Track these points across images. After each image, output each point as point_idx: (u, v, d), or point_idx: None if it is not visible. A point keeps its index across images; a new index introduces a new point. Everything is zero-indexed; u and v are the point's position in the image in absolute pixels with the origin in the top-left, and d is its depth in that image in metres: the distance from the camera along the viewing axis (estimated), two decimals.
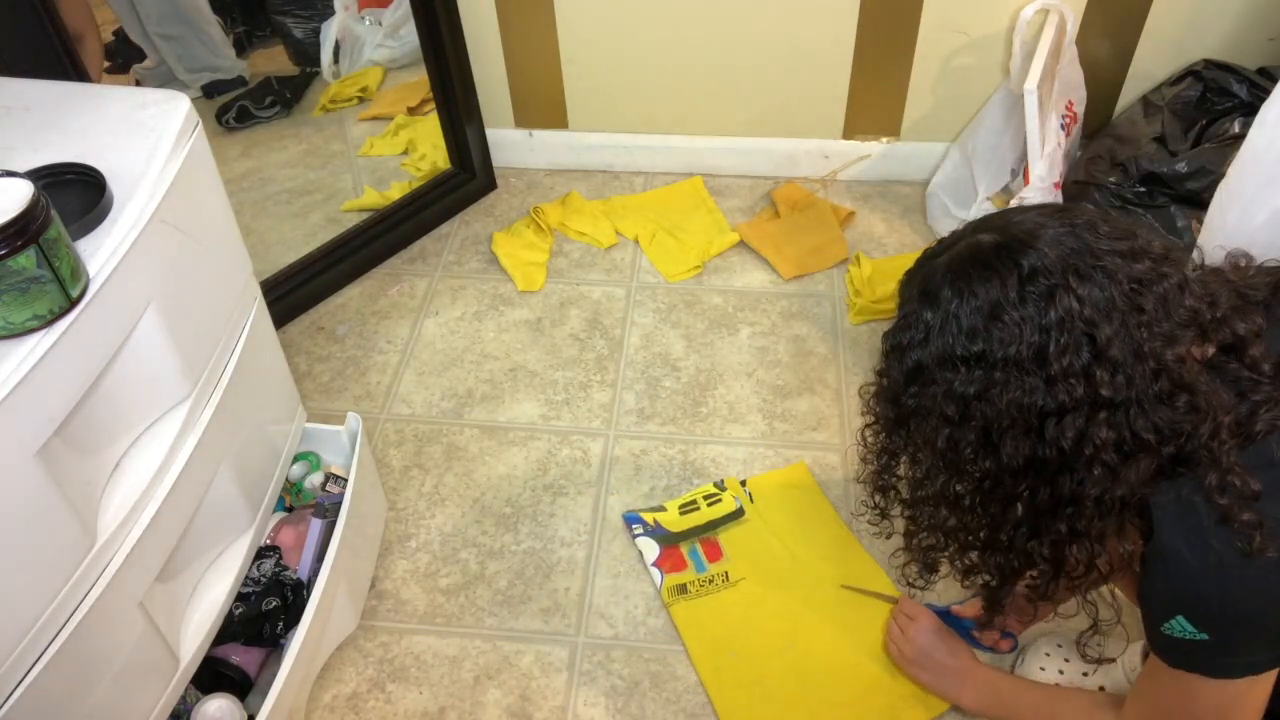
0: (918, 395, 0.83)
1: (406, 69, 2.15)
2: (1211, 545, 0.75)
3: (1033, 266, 0.76)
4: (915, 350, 0.82)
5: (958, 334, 0.78)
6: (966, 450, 0.81)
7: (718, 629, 1.32)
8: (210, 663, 1.15)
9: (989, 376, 0.77)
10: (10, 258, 0.73)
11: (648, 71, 1.98)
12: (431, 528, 1.48)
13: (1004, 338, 0.76)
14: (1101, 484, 0.77)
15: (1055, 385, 0.75)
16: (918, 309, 0.82)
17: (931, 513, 0.88)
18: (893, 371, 0.86)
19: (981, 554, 0.88)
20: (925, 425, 0.84)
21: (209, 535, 1.11)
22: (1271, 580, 0.74)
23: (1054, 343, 0.75)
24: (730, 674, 1.27)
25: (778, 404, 1.64)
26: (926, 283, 0.82)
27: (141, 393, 0.95)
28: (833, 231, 1.95)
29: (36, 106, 0.98)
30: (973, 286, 0.78)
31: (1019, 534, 0.83)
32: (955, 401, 0.80)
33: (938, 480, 0.85)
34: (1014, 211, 0.83)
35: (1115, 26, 1.86)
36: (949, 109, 1.98)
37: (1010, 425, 0.78)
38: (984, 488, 0.82)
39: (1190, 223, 1.61)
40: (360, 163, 2.12)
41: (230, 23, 2.13)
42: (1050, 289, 0.75)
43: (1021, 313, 0.76)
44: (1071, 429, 0.76)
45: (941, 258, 0.83)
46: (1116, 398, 0.75)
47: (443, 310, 1.84)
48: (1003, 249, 0.78)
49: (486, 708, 1.27)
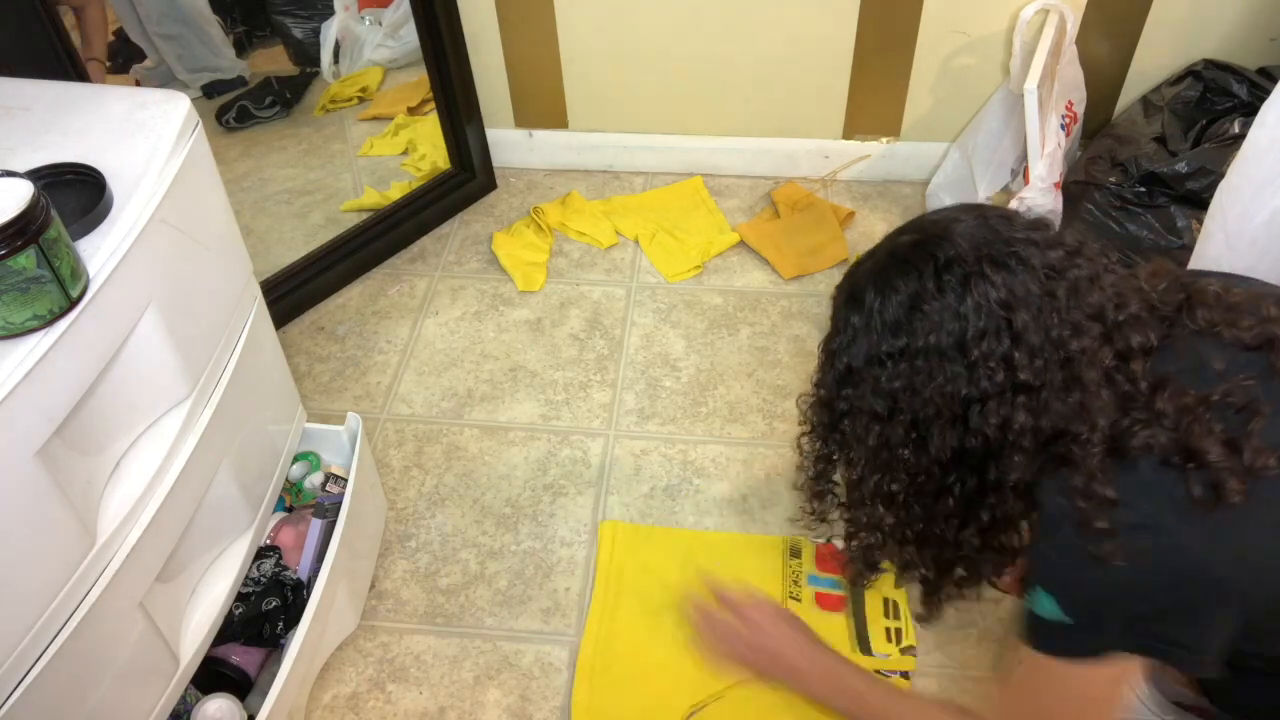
0: (849, 398, 0.85)
1: (406, 69, 2.15)
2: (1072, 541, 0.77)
3: (948, 257, 0.78)
4: (844, 354, 0.84)
5: (882, 330, 0.81)
6: (897, 445, 0.83)
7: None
8: (210, 663, 1.15)
9: (912, 367, 0.79)
10: (10, 258, 0.73)
11: (648, 71, 1.98)
12: (431, 528, 1.48)
13: (924, 327, 0.78)
14: (1020, 469, 0.78)
15: (976, 370, 0.77)
16: (845, 313, 0.84)
17: (869, 512, 0.90)
18: (826, 378, 0.88)
19: (918, 548, 0.90)
20: (857, 425, 0.86)
21: (209, 535, 1.11)
22: (1120, 580, 0.75)
23: (972, 328, 0.77)
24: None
25: (778, 404, 1.64)
26: (852, 288, 0.84)
27: (141, 393, 0.95)
28: (833, 231, 1.95)
29: (36, 106, 0.98)
30: (893, 283, 0.80)
31: (950, 524, 0.85)
32: (883, 397, 0.82)
33: (872, 480, 0.86)
34: (932, 212, 0.86)
35: (1115, 26, 1.86)
36: (949, 109, 1.98)
37: (936, 415, 0.79)
38: (917, 482, 0.84)
39: (1190, 223, 1.61)
40: (360, 163, 2.12)
41: (230, 23, 2.13)
42: (965, 276, 0.77)
43: (941, 302, 0.78)
44: (994, 415, 0.77)
45: (866, 264, 0.85)
46: (1034, 382, 0.76)
47: (443, 310, 1.84)
48: (919, 245, 0.81)
49: (486, 708, 1.27)
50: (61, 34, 1.37)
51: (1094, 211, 1.72)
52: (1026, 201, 1.68)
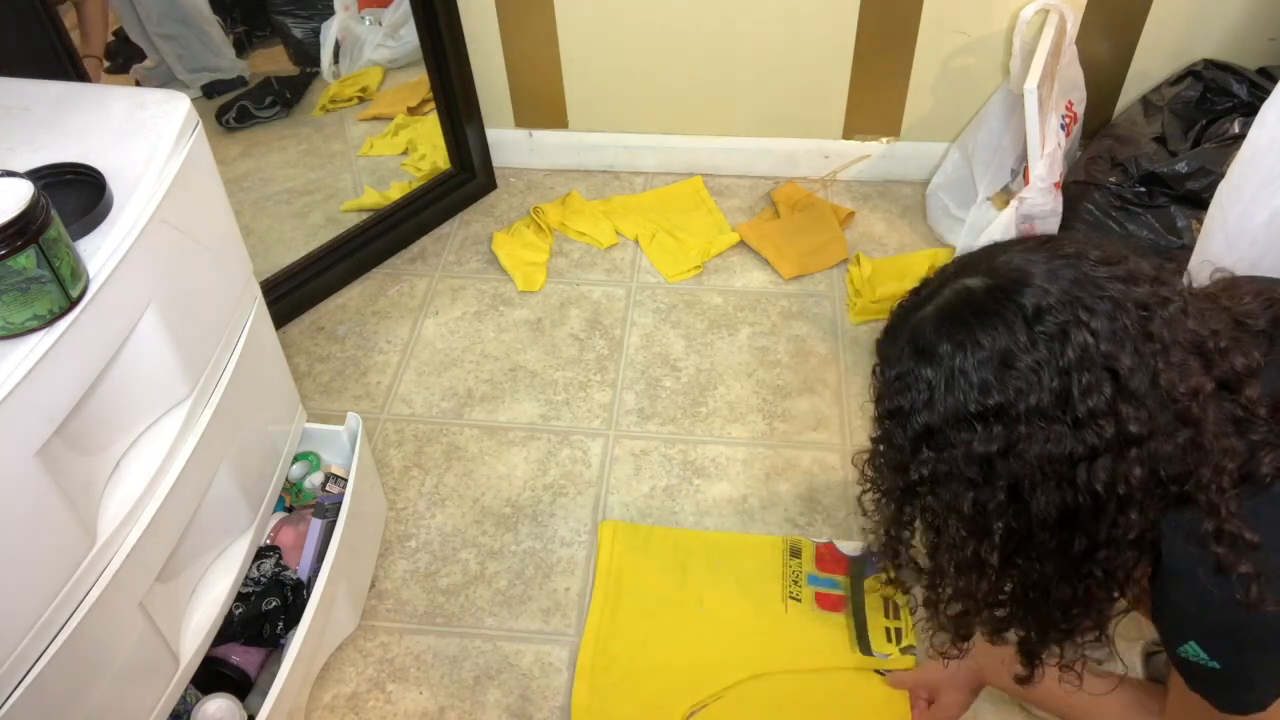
0: (931, 461, 0.77)
1: (406, 69, 2.15)
2: (1213, 589, 0.72)
3: (1037, 306, 0.71)
4: (921, 413, 0.76)
5: (969, 389, 0.73)
6: (995, 512, 0.75)
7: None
8: (210, 663, 1.15)
9: (1012, 430, 0.72)
10: (10, 258, 0.73)
11: (648, 71, 1.98)
12: (431, 528, 1.48)
13: (1022, 386, 0.71)
14: (1138, 524, 0.73)
15: (1084, 428, 0.70)
16: (914, 368, 0.76)
17: (957, 579, 0.83)
18: (896, 438, 0.79)
19: (1013, 610, 0.83)
20: (944, 491, 0.77)
21: (209, 535, 1.11)
22: (1272, 626, 0.72)
23: (1076, 383, 0.70)
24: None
25: (778, 404, 1.64)
26: (917, 338, 0.77)
27: (141, 393, 0.95)
28: (833, 231, 1.95)
29: (36, 106, 0.98)
30: (975, 336, 0.73)
31: (1054, 585, 0.78)
32: (977, 462, 0.74)
33: (967, 548, 0.79)
34: (995, 250, 0.79)
35: (1115, 26, 1.86)
36: (949, 109, 1.98)
37: (1041, 478, 0.72)
38: (1018, 548, 0.77)
39: (1190, 223, 1.61)
40: (360, 163, 2.12)
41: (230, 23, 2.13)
42: (1061, 327, 0.70)
43: (1036, 356, 0.71)
44: (1104, 471, 0.71)
45: (927, 309, 0.77)
46: (1144, 431, 0.70)
47: (443, 310, 1.84)
48: (998, 291, 0.74)
49: (486, 708, 1.27)
50: (61, 34, 1.37)
51: (1094, 211, 1.72)
52: (1027, 202, 1.68)
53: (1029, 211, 1.70)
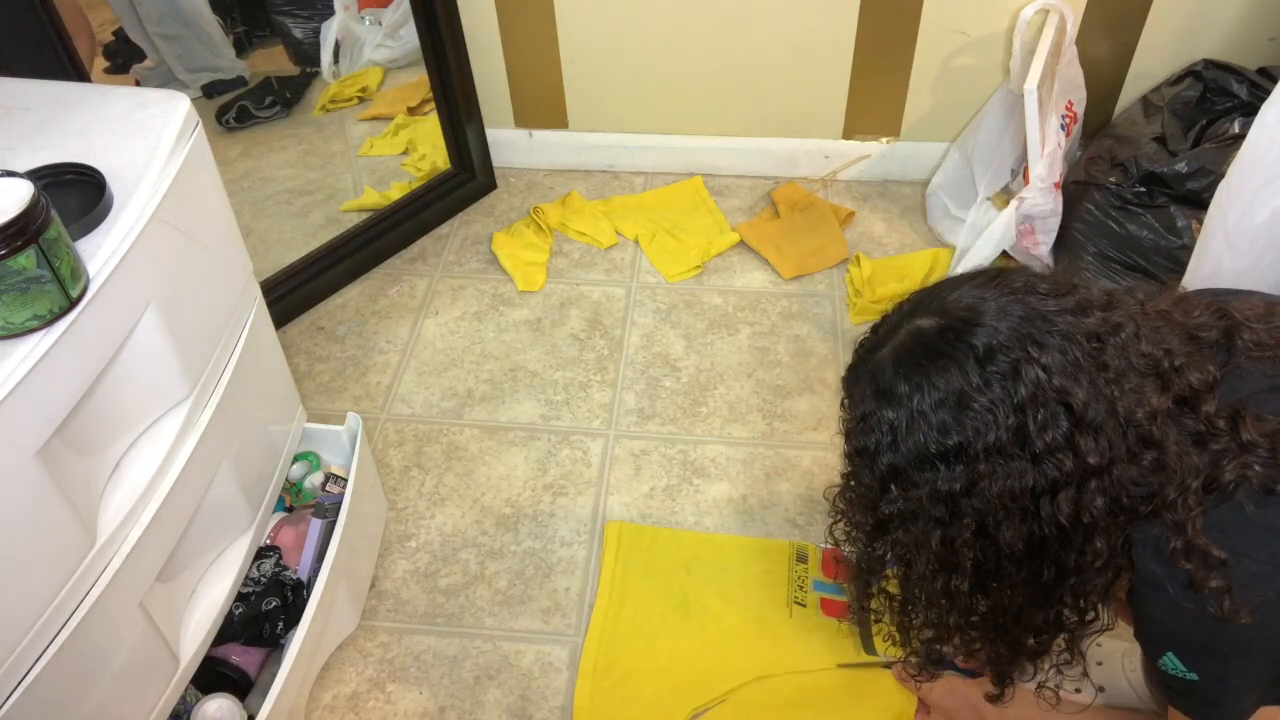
0: (898, 499, 0.79)
1: (406, 69, 2.15)
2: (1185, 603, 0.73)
3: (988, 345, 0.72)
4: (886, 454, 0.77)
5: (929, 430, 0.74)
6: (963, 547, 0.77)
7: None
8: (210, 663, 1.15)
9: (973, 469, 0.73)
10: (10, 258, 0.73)
11: (648, 71, 1.98)
12: (431, 528, 1.48)
13: (979, 426, 0.72)
14: (1105, 550, 0.74)
15: (1043, 463, 0.72)
16: (876, 409, 0.77)
17: (928, 608, 0.84)
18: (864, 477, 0.81)
19: (984, 635, 0.84)
20: (913, 527, 0.79)
21: (209, 535, 1.11)
22: (1247, 635, 0.72)
23: (1032, 419, 0.71)
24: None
25: (778, 404, 1.64)
26: (877, 380, 0.78)
27: (141, 393, 0.95)
28: (833, 231, 1.95)
29: (36, 106, 0.98)
30: (930, 378, 0.74)
31: (1030, 612, 0.80)
32: (942, 501, 0.75)
33: (937, 581, 0.80)
34: (945, 287, 0.79)
35: (1115, 26, 1.86)
36: (949, 109, 1.98)
37: (1005, 513, 0.74)
38: (987, 578, 0.78)
39: (1190, 223, 1.61)
40: (360, 163, 2.12)
41: (230, 23, 2.13)
42: (1013, 364, 0.71)
43: (990, 396, 0.72)
44: (1068, 503, 0.72)
45: (884, 350, 0.79)
46: (1103, 461, 0.72)
47: (443, 310, 1.84)
48: (949, 331, 0.74)
49: (486, 708, 1.27)
50: (62, 34, 1.37)
51: (1094, 211, 1.72)
52: (1027, 202, 1.68)
53: (1029, 211, 1.70)
